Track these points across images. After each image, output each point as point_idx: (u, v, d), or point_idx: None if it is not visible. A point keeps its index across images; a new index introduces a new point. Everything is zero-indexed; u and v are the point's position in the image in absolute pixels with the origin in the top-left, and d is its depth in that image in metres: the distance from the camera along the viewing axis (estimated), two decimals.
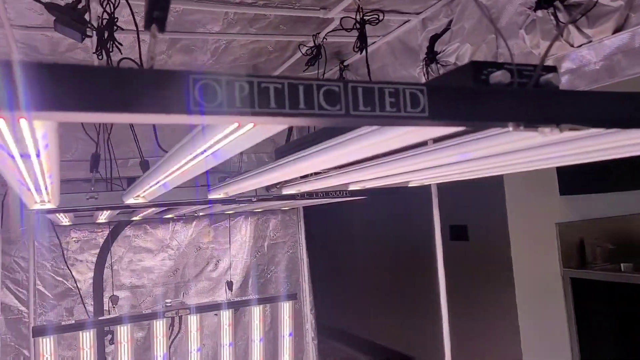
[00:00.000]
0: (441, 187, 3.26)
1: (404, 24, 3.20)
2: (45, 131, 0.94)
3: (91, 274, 4.14)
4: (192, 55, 3.40)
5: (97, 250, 4.16)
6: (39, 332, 3.48)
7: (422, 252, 5.46)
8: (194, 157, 1.22)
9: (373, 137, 1.14)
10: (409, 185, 2.85)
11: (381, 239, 7.04)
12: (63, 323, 3.61)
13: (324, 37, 3.12)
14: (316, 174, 2.28)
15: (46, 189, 1.55)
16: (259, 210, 4.59)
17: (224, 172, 2.66)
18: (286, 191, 2.45)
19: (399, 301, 6.72)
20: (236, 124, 0.94)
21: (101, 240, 4.20)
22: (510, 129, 0.96)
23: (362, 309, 7.59)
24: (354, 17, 2.66)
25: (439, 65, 2.72)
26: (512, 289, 4.92)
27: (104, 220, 3.91)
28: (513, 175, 4.92)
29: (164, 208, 2.91)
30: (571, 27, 2.19)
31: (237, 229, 4.74)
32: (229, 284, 4.14)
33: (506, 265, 4.97)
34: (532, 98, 0.96)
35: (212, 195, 2.29)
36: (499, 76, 1.00)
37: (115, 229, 4.21)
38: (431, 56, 2.73)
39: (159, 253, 4.47)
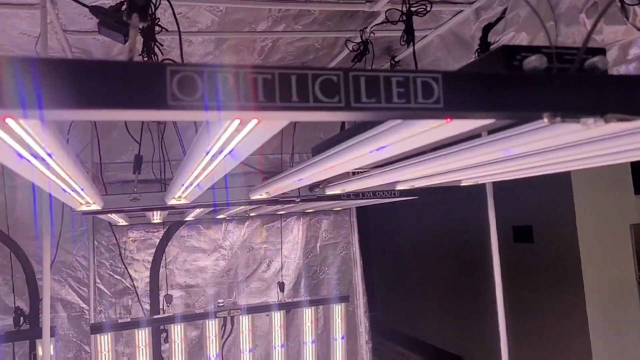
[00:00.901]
0: (502, 186, 3.09)
1: (456, 14, 3.04)
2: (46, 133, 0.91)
3: (147, 273, 4.23)
4: (240, 56, 3.39)
5: (153, 250, 4.25)
6: (97, 329, 3.58)
7: (477, 254, 5.26)
8: (211, 157, 1.16)
9: (402, 129, 1.04)
10: (462, 185, 2.71)
11: (436, 239, 6.85)
12: (120, 321, 3.70)
13: (370, 32, 3.02)
14: (360, 172, 2.19)
15: (83, 191, 1.55)
16: (311, 210, 4.54)
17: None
18: (330, 191, 2.37)
19: (454, 302, 6.52)
20: (238, 121, 0.87)
21: (157, 240, 4.28)
22: (545, 120, 0.84)
23: (416, 310, 7.42)
24: (400, 9, 2.55)
25: None
26: (581, 294, 4.62)
27: (158, 221, 3.98)
28: (581, 173, 4.61)
29: (204, 209, 2.90)
30: (638, 9, 1.99)
31: (289, 230, 4.71)
32: (281, 285, 4.11)
33: (575, 268, 4.68)
34: (572, 85, 0.84)
35: (254, 196, 2.25)
36: (533, 61, 0.88)
37: (170, 229, 4.28)
38: (484, 47, 2.57)
39: (212, 253, 4.50)
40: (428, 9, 2.50)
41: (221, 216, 4.17)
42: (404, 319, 7.83)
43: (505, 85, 0.79)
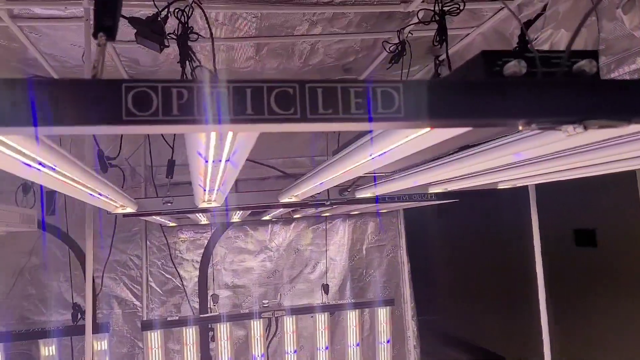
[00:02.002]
0: (562, 187, 2.98)
1: (498, 12, 2.96)
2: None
3: (196, 273, 4.36)
4: (280, 59, 3.43)
5: (202, 250, 4.38)
6: (147, 326, 3.73)
7: (531, 256, 5.08)
8: (212, 164, 1.19)
9: (392, 135, 1.04)
10: (499, 187, 2.64)
11: (487, 242, 6.66)
12: (169, 319, 3.83)
13: (408, 33, 2.98)
14: (390, 174, 2.17)
15: (101, 196, 1.63)
16: (356, 213, 4.53)
17: None
18: (360, 194, 2.37)
19: (499, 304, 6.33)
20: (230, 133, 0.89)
21: (205, 241, 4.41)
22: (520, 128, 0.82)
23: (475, 315, 7.25)
24: (433, 9, 2.50)
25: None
26: None
27: (205, 222, 4.10)
28: None
29: (243, 211, 2.96)
30: None
31: (335, 232, 4.72)
32: (325, 287, 4.13)
33: None
34: (548, 90, 0.81)
35: (283, 199, 2.28)
36: (512, 67, 0.86)
37: (218, 231, 4.39)
38: (522, 45, 2.48)
39: (258, 254, 4.59)
40: (461, 7, 2.44)
41: (266, 218, 4.24)
42: (463, 324, 7.66)
43: (471, 93, 0.77)
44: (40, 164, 1.07)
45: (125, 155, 3.82)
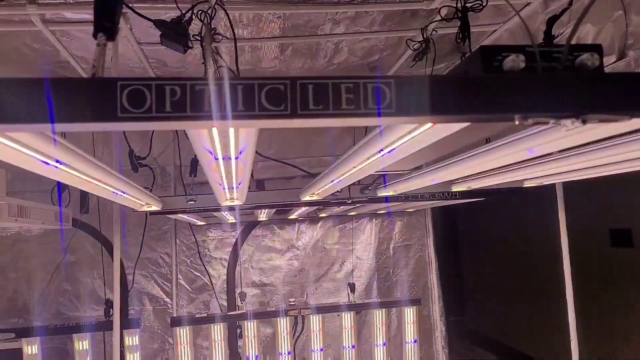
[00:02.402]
0: (597, 186, 2.92)
1: (524, 7, 2.91)
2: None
3: (224, 271, 4.43)
4: (305, 59, 3.45)
5: (230, 249, 4.44)
6: (176, 322, 3.80)
7: (550, 256, 4.97)
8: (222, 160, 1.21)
9: (395, 131, 1.04)
10: (525, 185, 2.60)
11: (511, 240, 6.55)
12: (197, 315, 3.90)
13: (432, 30, 2.96)
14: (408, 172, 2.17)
15: (124, 194, 1.68)
16: (383, 212, 4.51)
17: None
18: (381, 192, 2.37)
19: (529, 304, 6.21)
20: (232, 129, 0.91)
21: (233, 240, 4.47)
22: (517, 123, 0.81)
23: (507, 315, 7.13)
24: (455, 5, 2.48)
25: None
26: None
27: (233, 221, 4.15)
28: None
29: (269, 209, 2.99)
30: None
31: (362, 231, 4.71)
32: (351, 286, 4.12)
33: None
34: (548, 85, 0.80)
35: (303, 197, 2.30)
36: (510, 62, 0.85)
37: (245, 229, 4.44)
38: (548, 42, 2.43)
39: (285, 253, 4.62)
40: (484, 4, 2.41)
41: (293, 217, 4.27)
42: (492, 324, 7.55)
43: (464, 88, 0.77)
44: (58, 161, 1.11)
45: (154, 155, 3.89)
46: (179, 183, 4.19)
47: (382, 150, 1.12)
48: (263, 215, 3.80)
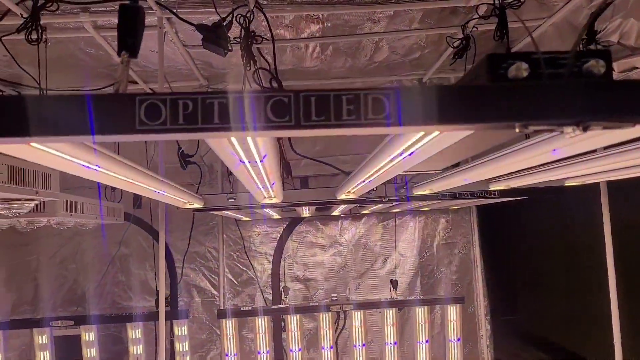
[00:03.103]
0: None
1: (568, 2, 2.84)
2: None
3: (270, 266, 4.53)
4: (345, 58, 3.49)
5: (275, 244, 4.53)
6: (222, 314, 3.93)
7: (600, 255, 4.82)
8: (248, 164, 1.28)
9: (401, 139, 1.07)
10: (566, 185, 2.55)
11: (563, 239, 6.34)
12: (242, 308, 4.02)
13: (473, 27, 2.93)
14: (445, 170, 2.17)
15: (165, 193, 1.77)
16: (427, 209, 4.49)
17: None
18: (417, 191, 2.38)
19: (581, 304, 6.01)
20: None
21: (278, 235, 4.57)
22: (517, 131, 0.83)
23: (546, 311, 6.96)
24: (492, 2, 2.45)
25: (598, 47, 2.36)
26: None
27: (278, 217, 4.24)
28: None
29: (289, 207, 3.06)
30: None
31: (405, 228, 4.71)
32: (394, 283, 4.14)
33: None
34: (549, 92, 0.81)
35: (339, 196, 2.34)
36: (513, 70, 0.87)
37: (290, 225, 4.53)
38: (590, 37, 2.38)
39: (329, 249, 4.68)
40: (522, 0, 2.38)
41: (336, 213, 4.32)
42: (544, 324, 7.37)
43: (462, 97, 0.79)
44: (98, 166, 1.20)
45: (201, 153, 4.03)
46: (225, 180, 4.32)
47: (402, 153, 1.16)
48: (306, 212, 3.87)
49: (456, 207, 4.54)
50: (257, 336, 4.06)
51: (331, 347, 4.10)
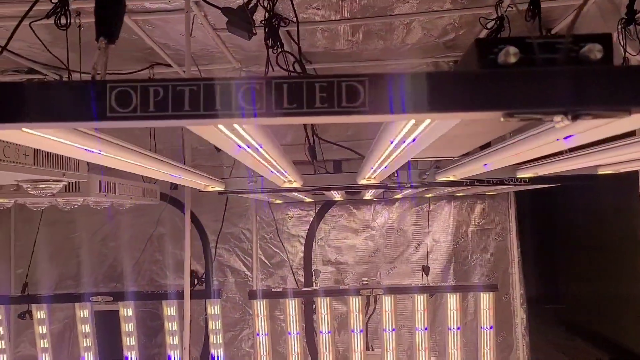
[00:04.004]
0: None
1: None
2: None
3: (302, 248, 4.56)
4: (378, 40, 3.42)
5: (307, 227, 4.55)
6: (253, 295, 3.99)
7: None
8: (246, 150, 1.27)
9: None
10: (599, 173, 2.43)
11: (610, 227, 6.11)
12: (273, 290, 4.07)
13: (508, 6, 2.81)
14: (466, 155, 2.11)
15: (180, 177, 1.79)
16: (461, 194, 4.40)
17: None
18: (440, 177, 2.33)
19: (618, 290, 5.79)
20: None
21: (310, 218, 4.58)
22: (502, 119, 0.78)
23: (595, 302, 6.74)
24: None
25: (638, 27, 2.23)
26: None
27: (309, 200, 4.25)
28: None
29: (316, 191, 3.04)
30: None
31: (439, 213, 4.63)
32: (425, 269, 4.09)
33: None
34: (537, 79, 0.76)
35: (359, 181, 2.32)
36: (502, 56, 0.82)
37: (322, 208, 4.53)
38: (629, 17, 2.24)
39: (361, 233, 4.66)
40: None
41: (368, 197, 4.29)
42: (591, 315, 7.16)
43: (439, 84, 0.75)
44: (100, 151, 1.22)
45: None
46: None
47: (397, 140, 1.12)
48: (337, 195, 3.85)
49: (492, 193, 4.42)
50: (287, 317, 4.10)
51: (361, 331, 4.11)
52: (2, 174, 1.86)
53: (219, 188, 2.36)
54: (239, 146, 1.22)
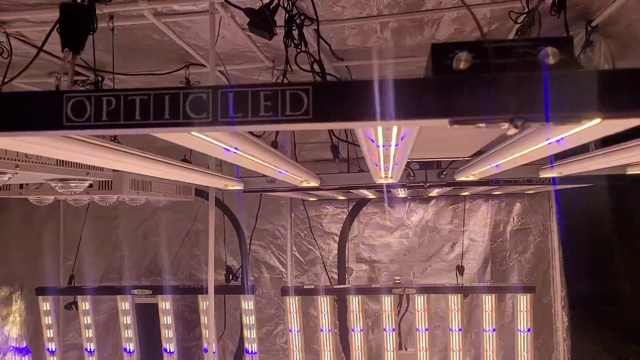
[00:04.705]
0: None
1: None
2: None
3: (336, 246, 4.56)
4: (407, 36, 3.38)
5: (341, 225, 4.55)
6: (285, 292, 4.04)
7: None
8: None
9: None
10: (628, 173, 2.32)
11: None
12: (305, 287, 4.10)
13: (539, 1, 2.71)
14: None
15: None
16: (499, 193, 4.28)
17: None
18: (458, 177, 2.28)
19: None
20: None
21: (344, 216, 4.57)
22: (448, 126, 0.76)
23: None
24: None
25: None
26: None
27: (343, 198, 4.24)
28: None
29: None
30: None
31: (476, 212, 4.52)
32: (460, 269, 4.01)
33: None
34: (485, 86, 0.74)
35: (377, 180, 2.30)
36: (455, 62, 0.80)
37: (356, 206, 4.52)
38: None
39: (395, 231, 4.61)
40: None
41: (402, 195, 4.24)
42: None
43: (381, 92, 0.74)
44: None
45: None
46: (294, 160, 4.38)
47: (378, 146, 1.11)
48: (368, 194, 3.84)
49: (532, 192, 4.28)
50: (319, 314, 4.13)
51: (393, 330, 4.08)
52: (29, 174, 1.96)
53: (238, 187, 2.40)
54: (227, 150, 1.24)
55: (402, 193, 4.07)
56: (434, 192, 4.05)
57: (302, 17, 2.77)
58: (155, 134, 0.83)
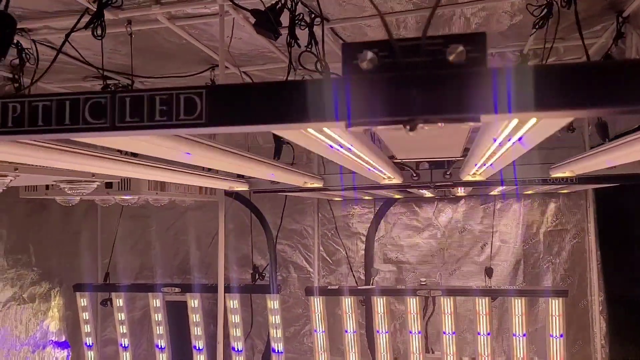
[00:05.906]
0: None
1: None
2: None
3: (363, 246, 4.50)
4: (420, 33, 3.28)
5: (369, 225, 4.49)
6: (309, 292, 4.02)
7: None
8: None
9: None
10: None
11: None
12: (329, 287, 4.07)
13: None
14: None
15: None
16: (531, 192, 4.10)
17: None
18: (462, 176, 2.20)
19: None
20: None
21: (372, 216, 4.51)
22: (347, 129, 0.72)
23: None
24: None
25: None
26: None
27: (369, 198, 4.18)
28: None
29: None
30: None
31: (508, 212, 4.35)
32: (488, 271, 3.87)
33: None
34: (377, 86, 0.69)
35: (383, 181, 2.24)
36: (360, 62, 0.76)
37: (384, 206, 4.44)
38: None
39: (423, 231, 4.51)
40: None
41: (429, 195, 4.14)
42: None
43: (278, 94, 0.71)
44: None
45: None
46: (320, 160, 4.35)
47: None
48: (391, 194, 3.77)
49: (566, 191, 4.08)
50: (344, 315, 4.09)
51: (419, 332, 3.99)
52: (31, 176, 2.02)
53: (243, 188, 2.40)
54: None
55: (427, 193, 3.98)
56: (461, 191, 3.94)
57: (313, 16, 2.74)
58: (58, 139, 0.82)
